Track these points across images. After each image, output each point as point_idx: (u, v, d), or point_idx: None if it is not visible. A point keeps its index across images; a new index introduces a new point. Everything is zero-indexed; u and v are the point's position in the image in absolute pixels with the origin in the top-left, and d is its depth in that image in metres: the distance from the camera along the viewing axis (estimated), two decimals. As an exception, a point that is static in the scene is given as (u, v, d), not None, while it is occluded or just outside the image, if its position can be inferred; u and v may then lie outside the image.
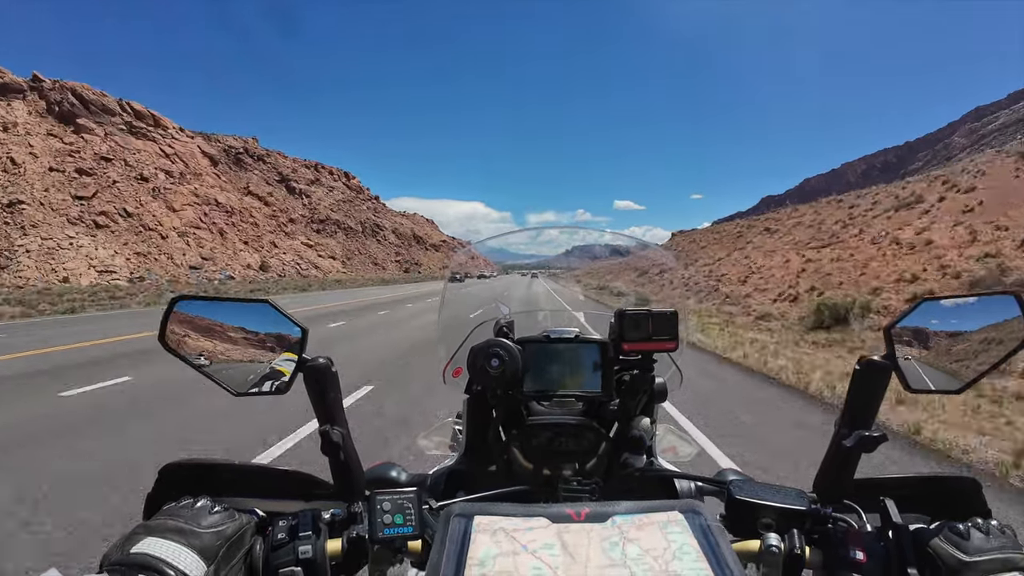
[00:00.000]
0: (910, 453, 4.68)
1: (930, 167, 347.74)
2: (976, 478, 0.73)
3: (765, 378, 7.97)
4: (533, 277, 2.84)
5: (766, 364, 8.72)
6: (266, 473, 0.77)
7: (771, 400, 6.65)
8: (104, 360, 8.83)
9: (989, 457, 4.48)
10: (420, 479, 0.94)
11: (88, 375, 7.44)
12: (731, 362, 9.35)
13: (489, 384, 0.89)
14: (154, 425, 5.22)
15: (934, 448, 4.76)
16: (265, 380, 0.72)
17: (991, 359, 0.72)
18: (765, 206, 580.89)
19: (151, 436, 4.89)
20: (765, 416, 5.85)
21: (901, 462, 4.46)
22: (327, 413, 0.72)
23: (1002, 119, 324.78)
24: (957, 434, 5.02)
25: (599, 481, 0.87)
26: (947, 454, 4.62)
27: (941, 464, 4.46)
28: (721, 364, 9.24)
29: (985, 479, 4.06)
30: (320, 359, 0.72)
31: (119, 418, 5.43)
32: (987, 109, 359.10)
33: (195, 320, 0.73)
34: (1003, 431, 5.18)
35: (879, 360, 0.71)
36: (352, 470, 0.73)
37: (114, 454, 4.36)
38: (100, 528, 3.09)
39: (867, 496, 0.70)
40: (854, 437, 0.69)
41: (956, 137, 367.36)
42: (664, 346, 0.91)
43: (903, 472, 0.55)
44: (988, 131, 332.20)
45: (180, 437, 4.85)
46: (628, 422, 0.93)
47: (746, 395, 6.91)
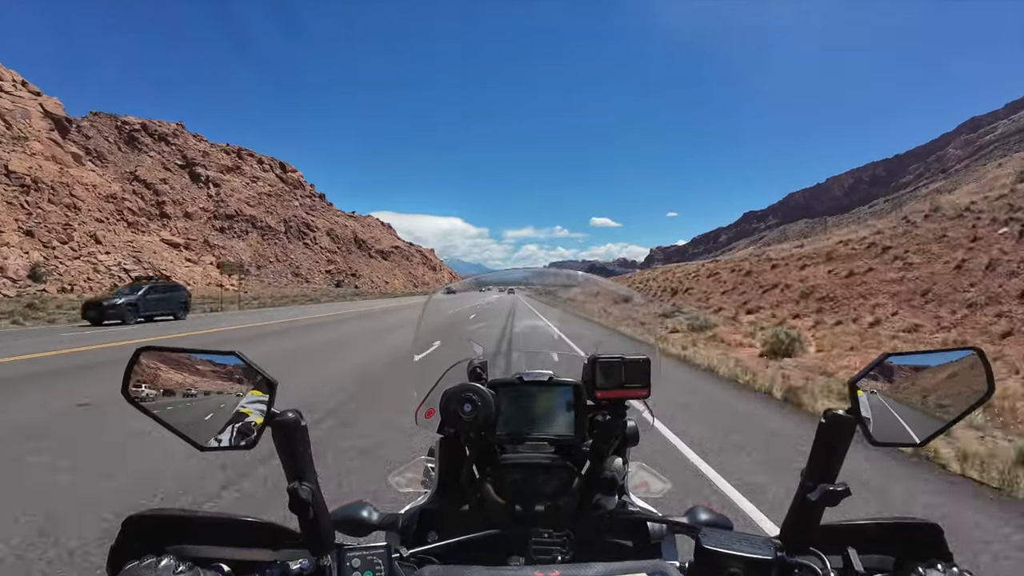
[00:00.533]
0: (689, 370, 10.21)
1: (922, 180, 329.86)
2: (937, 524, 0.75)
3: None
4: (511, 293, 3.09)
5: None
6: (233, 523, 0.75)
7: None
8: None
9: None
10: (392, 519, 0.94)
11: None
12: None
13: (462, 429, 0.91)
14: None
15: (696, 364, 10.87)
16: (232, 434, 0.71)
17: (954, 412, 0.74)
18: (747, 221, 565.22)
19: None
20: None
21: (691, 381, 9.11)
22: (296, 469, 0.70)
23: (1001, 129, 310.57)
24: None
25: (570, 534, 0.86)
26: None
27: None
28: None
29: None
30: (289, 413, 0.71)
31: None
32: (984, 119, 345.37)
33: (160, 371, 0.71)
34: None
35: (843, 414, 0.72)
36: (321, 524, 0.72)
37: None
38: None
39: (832, 543, 0.72)
40: (819, 491, 0.70)
41: (951, 149, 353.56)
42: (636, 394, 0.93)
43: (870, 516, 0.65)
44: (986, 142, 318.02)
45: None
46: (600, 463, 0.94)
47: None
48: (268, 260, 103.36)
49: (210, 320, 24.77)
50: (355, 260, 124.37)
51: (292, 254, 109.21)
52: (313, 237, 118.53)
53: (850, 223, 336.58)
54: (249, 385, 0.72)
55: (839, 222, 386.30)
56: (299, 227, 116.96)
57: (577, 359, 1.10)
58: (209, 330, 18.19)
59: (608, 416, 0.95)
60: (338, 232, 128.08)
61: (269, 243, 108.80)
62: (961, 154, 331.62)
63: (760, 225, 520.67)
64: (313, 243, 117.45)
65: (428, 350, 1.28)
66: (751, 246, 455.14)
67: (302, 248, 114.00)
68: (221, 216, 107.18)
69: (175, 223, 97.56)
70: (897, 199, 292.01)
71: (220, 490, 3.69)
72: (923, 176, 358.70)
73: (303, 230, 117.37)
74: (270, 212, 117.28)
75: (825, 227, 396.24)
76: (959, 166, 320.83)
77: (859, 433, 0.73)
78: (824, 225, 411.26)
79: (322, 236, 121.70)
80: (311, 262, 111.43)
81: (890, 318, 19.73)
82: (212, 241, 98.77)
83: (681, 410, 6.52)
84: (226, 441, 0.70)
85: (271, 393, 0.71)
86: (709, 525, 0.88)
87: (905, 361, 0.76)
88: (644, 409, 1.09)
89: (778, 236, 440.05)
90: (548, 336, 1.47)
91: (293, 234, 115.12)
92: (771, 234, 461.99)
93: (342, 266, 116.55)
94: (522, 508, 0.90)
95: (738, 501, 3.84)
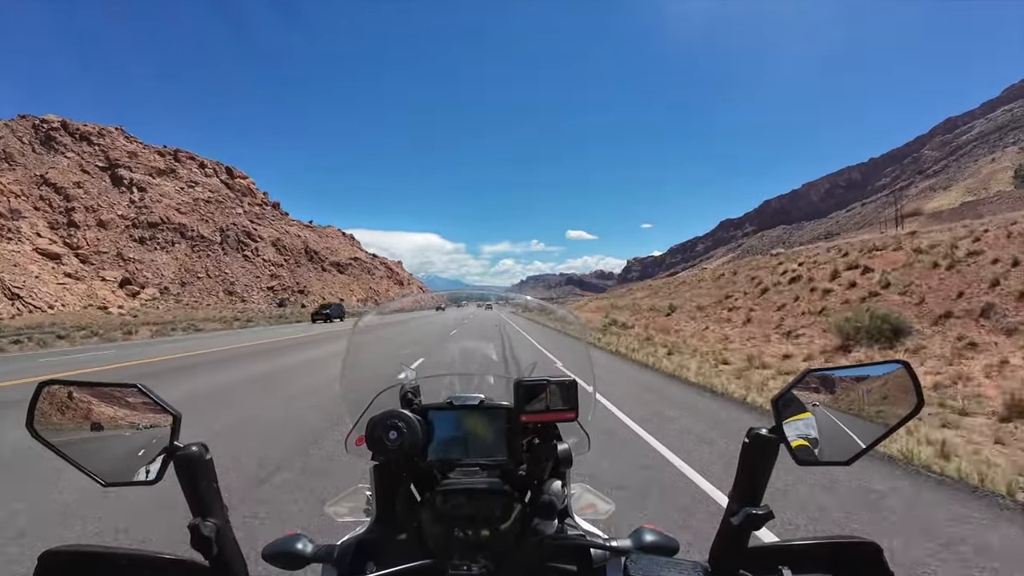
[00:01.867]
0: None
1: (899, 182, 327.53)
2: (876, 542, 0.71)
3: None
4: (488, 309, 3.08)
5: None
6: (150, 560, 0.73)
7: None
8: None
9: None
10: (327, 551, 0.91)
11: None
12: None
13: (388, 456, 0.88)
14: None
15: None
16: (137, 468, 0.68)
17: (882, 427, 0.72)
18: (723, 229, 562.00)
19: None
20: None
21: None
22: (200, 504, 0.68)
23: (978, 128, 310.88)
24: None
25: (489, 566, 0.83)
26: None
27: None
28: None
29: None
30: (192, 447, 0.68)
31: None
32: (959, 120, 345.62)
33: (64, 405, 0.69)
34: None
35: (766, 434, 0.70)
36: (229, 562, 0.69)
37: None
38: None
39: (764, 565, 0.69)
40: (742, 514, 0.69)
41: (927, 151, 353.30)
42: (562, 416, 0.90)
43: (804, 536, 0.71)
44: (963, 142, 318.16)
45: None
46: (539, 487, 0.90)
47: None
48: (196, 275, 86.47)
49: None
50: (304, 274, 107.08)
51: (228, 268, 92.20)
52: (255, 248, 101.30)
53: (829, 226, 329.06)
54: (152, 418, 0.70)
55: (817, 227, 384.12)
56: (238, 236, 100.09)
57: (512, 382, 1.05)
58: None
59: (538, 440, 0.93)
60: (286, 243, 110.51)
61: (200, 255, 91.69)
62: (938, 155, 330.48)
63: (737, 233, 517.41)
64: (255, 255, 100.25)
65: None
66: (729, 254, 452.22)
67: (240, 261, 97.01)
68: (142, 224, 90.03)
69: (83, 233, 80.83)
70: (885, 199, 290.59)
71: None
72: (900, 178, 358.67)
73: (243, 240, 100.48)
74: (206, 220, 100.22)
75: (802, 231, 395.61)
76: (936, 167, 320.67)
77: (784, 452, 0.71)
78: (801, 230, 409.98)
79: (266, 247, 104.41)
80: (250, 277, 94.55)
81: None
82: (127, 254, 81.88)
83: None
84: (131, 476, 0.68)
85: (174, 425, 0.69)
86: (650, 548, 0.86)
87: (828, 376, 0.75)
88: (580, 430, 1.06)
89: (757, 243, 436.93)
90: (485, 357, 1.43)
91: (231, 244, 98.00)
92: (749, 241, 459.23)
93: (288, 281, 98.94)
94: (462, 534, 0.88)
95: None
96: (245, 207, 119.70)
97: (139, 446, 0.69)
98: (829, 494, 3.78)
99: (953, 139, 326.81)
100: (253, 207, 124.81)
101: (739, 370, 10.80)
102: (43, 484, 4.05)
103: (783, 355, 12.87)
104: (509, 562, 0.86)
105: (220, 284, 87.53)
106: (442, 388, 1.15)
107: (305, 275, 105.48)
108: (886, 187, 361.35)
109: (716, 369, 10.99)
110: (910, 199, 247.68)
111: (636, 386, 8.92)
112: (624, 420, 6.22)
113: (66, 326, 34.67)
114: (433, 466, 0.93)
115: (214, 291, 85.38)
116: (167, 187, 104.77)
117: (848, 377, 0.75)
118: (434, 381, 1.18)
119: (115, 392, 0.71)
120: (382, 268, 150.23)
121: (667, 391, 8.46)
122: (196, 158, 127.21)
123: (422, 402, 1.04)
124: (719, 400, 7.66)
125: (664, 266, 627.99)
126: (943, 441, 4.95)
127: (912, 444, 4.82)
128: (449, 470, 0.95)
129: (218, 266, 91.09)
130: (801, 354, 12.72)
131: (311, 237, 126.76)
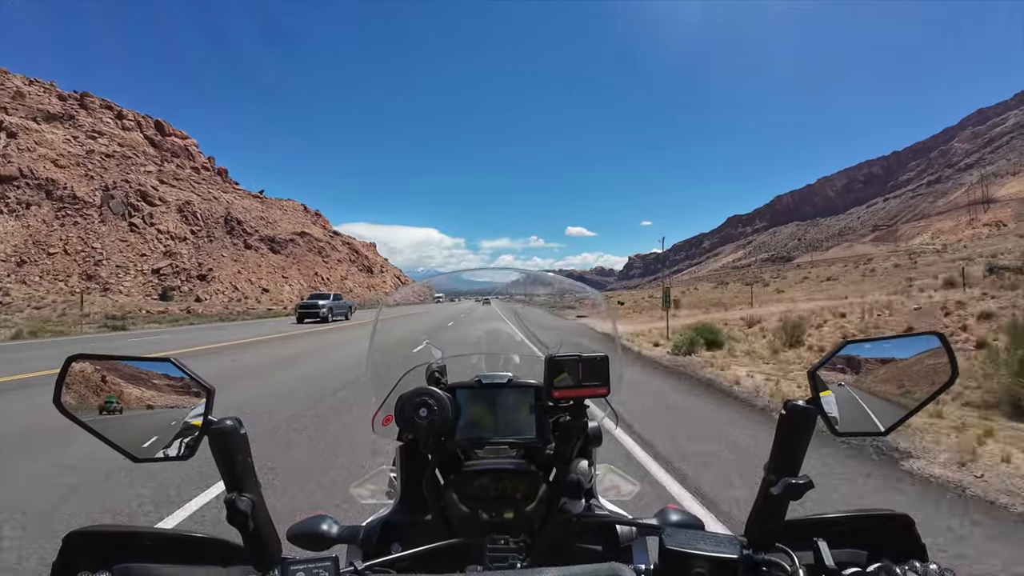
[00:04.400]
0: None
1: (925, 176, 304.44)
2: (909, 515, 0.73)
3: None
4: (486, 303, 3.06)
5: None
6: (178, 539, 0.73)
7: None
8: None
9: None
10: (353, 532, 0.92)
11: None
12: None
13: (418, 434, 0.87)
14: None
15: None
16: (169, 444, 0.68)
17: (917, 399, 0.72)
18: (731, 226, 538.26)
19: None
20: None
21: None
22: (235, 479, 0.68)
23: (1012, 120, 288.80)
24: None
25: (526, 540, 0.85)
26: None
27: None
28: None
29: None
30: (227, 421, 0.69)
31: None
32: (991, 111, 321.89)
33: (92, 380, 0.69)
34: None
35: (803, 405, 0.70)
36: (264, 537, 0.69)
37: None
38: None
39: (799, 538, 0.70)
40: (781, 484, 0.69)
41: (956, 143, 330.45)
42: (595, 392, 0.89)
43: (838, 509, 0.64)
44: (996, 134, 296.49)
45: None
46: (565, 466, 0.91)
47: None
48: (47, 250, 60.76)
49: None
50: (215, 252, 79.10)
51: (101, 241, 66.09)
52: (149, 215, 74.10)
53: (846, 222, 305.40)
54: (184, 392, 0.70)
55: (834, 224, 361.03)
56: (128, 199, 73.26)
57: (538, 360, 1.05)
58: None
59: (568, 417, 0.92)
60: (198, 208, 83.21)
61: (64, 223, 65.86)
62: (969, 147, 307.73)
63: (747, 229, 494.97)
64: (146, 224, 73.15)
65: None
66: (739, 250, 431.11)
67: (122, 232, 70.18)
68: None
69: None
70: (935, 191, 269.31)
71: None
72: (926, 172, 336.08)
73: (135, 203, 73.62)
74: (91, 177, 74.19)
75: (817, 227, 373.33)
76: (968, 160, 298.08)
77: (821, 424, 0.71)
78: (816, 226, 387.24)
79: (168, 214, 76.91)
80: (131, 254, 67.76)
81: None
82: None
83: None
84: (162, 452, 0.68)
85: (208, 400, 0.69)
86: (677, 526, 0.86)
87: (865, 347, 0.75)
88: (608, 408, 1.06)
89: (769, 239, 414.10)
90: (510, 338, 1.44)
91: (114, 209, 71.37)
92: (760, 238, 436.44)
93: (188, 261, 71.58)
94: (487, 515, 0.88)
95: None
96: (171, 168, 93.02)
97: (171, 421, 0.69)
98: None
99: (986, 131, 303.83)
100: (184, 170, 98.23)
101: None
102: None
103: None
104: (538, 540, 0.87)
105: (79, 264, 61.56)
106: (468, 368, 1.16)
107: (216, 254, 77.83)
108: (911, 181, 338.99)
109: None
110: (966, 188, 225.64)
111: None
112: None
113: None
114: (462, 445, 0.93)
115: (68, 273, 59.41)
116: (53, 135, 78.55)
117: (884, 348, 0.75)
118: (460, 361, 1.18)
119: (147, 366, 0.71)
120: (344, 249, 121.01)
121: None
122: (114, 107, 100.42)
123: (448, 381, 1.03)
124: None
125: (668, 263, 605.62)
126: None
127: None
128: (478, 448, 0.96)
129: (85, 238, 65.10)
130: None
131: (251, 207, 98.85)
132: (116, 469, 3.98)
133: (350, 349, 13.62)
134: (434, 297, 2.00)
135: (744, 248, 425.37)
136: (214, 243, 79.94)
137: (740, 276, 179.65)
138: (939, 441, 4.70)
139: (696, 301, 46.21)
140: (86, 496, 3.64)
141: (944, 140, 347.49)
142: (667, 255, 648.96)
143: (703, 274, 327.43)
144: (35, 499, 3.59)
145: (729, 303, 37.00)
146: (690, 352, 11.26)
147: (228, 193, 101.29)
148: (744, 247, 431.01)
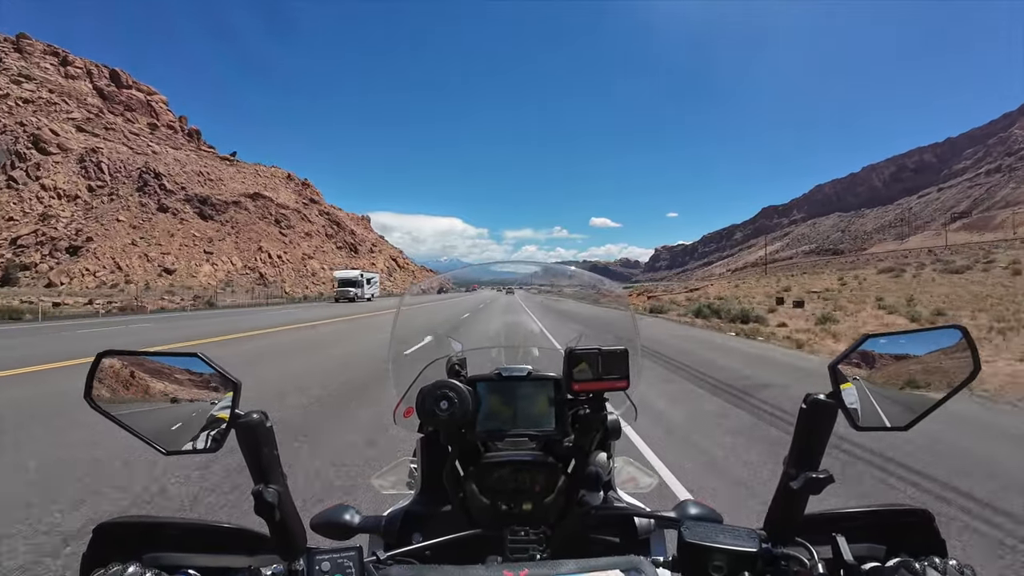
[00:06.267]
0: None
1: (983, 164, 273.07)
2: (928, 510, 0.72)
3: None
4: (509, 293, 3.15)
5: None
6: (206, 529, 0.75)
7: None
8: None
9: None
10: (374, 522, 0.94)
11: None
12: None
13: (439, 427, 0.90)
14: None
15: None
16: (197, 437, 0.70)
17: (939, 393, 0.71)
18: (766, 217, 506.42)
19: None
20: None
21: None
22: (261, 471, 0.69)
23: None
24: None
25: (546, 531, 0.87)
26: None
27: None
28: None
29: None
30: (254, 414, 0.70)
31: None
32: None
33: (122, 375, 0.71)
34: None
35: (824, 399, 0.70)
36: (290, 527, 0.71)
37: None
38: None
39: (818, 532, 0.70)
40: (801, 479, 0.69)
41: (1016, 129, 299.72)
42: (614, 385, 0.90)
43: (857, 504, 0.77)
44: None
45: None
46: (584, 458, 0.93)
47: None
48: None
49: None
50: (110, 215, 60.19)
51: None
52: (35, 166, 59.23)
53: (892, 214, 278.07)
54: (212, 386, 0.71)
55: (883, 214, 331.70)
56: (11, 145, 58.07)
57: (558, 353, 1.05)
58: None
59: (588, 410, 0.92)
60: (105, 159, 65.81)
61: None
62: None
63: (783, 220, 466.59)
64: (30, 177, 57.97)
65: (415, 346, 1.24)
66: (775, 243, 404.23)
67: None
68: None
69: None
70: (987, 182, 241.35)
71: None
72: (983, 161, 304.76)
73: (20, 152, 58.47)
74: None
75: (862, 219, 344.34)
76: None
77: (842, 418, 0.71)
78: (863, 217, 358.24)
79: (64, 166, 62.45)
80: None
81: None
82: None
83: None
84: (190, 445, 0.70)
85: (235, 394, 0.70)
86: (696, 519, 0.86)
87: (886, 342, 0.74)
88: (627, 402, 1.07)
89: (808, 231, 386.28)
90: (529, 331, 1.47)
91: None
92: (799, 229, 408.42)
93: (64, 228, 53.97)
94: (507, 507, 0.90)
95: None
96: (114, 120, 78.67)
97: (199, 414, 0.70)
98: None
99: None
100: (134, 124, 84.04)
101: None
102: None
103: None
104: (557, 531, 0.88)
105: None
106: (488, 360, 1.17)
107: (109, 217, 59.91)
108: (967, 170, 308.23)
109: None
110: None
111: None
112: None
113: None
114: (482, 437, 0.93)
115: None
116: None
117: (906, 342, 0.74)
118: (480, 354, 1.19)
119: (174, 362, 0.72)
120: (320, 219, 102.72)
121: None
122: (60, 53, 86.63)
123: (468, 374, 1.05)
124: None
125: (697, 255, 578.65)
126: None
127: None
128: (498, 440, 0.96)
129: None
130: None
131: (188, 161, 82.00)
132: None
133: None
134: (468, 288, 2.70)
135: (781, 240, 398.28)
136: (114, 203, 62.54)
137: (787, 268, 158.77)
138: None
139: (802, 294, 34.08)
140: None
141: (1003, 126, 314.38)
142: (695, 247, 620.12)
143: (739, 266, 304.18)
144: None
145: (852, 301, 27.50)
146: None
147: (180, 150, 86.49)
148: (781, 239, 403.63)
